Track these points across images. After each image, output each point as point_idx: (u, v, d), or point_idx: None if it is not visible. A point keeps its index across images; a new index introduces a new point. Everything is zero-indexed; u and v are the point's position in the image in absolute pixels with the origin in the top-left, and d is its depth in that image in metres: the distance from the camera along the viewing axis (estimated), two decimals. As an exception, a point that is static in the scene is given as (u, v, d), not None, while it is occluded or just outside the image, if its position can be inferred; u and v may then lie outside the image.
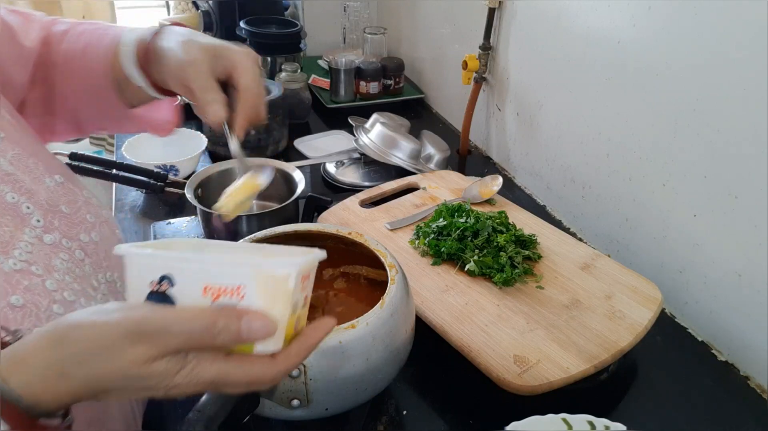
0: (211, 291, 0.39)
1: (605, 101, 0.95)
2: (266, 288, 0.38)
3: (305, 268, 0.40)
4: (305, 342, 0.42)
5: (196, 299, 0.39)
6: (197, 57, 0.60)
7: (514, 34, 1.17)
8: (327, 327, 0.43)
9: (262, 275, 0.38)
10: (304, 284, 0.41)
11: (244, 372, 0.39)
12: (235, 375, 0.39)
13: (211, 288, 0.39)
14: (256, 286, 0.38)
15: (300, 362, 0.42)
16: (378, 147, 1.15)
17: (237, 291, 0.38)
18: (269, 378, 0.40)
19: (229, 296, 0.38)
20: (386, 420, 0.69)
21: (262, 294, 0.38)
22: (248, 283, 0.38)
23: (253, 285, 0.38)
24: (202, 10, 1.59)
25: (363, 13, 1.77)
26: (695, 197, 0.82)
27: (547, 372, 0.67)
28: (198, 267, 0.39)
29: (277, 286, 0.38)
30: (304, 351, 0.42)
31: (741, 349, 0.79)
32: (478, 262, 0.81)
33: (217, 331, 0.37)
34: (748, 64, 0.70)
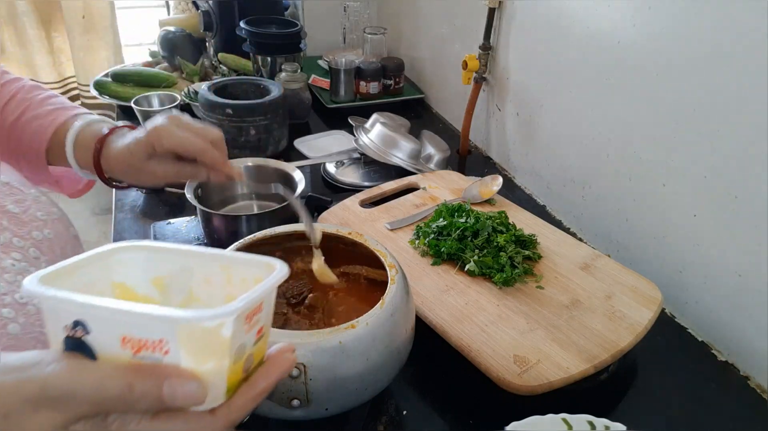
0: (131, 343, 0.34)
1: (605, 101, 0.95)
2: (193, 343, 0.33)
3: (249, 308, 0.35)
4: (251, 391, 0.37)
5: (115, 350, 0.34)
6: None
7: (514, 34, 1.17)
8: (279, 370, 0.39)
9: (186, 329, 0.33)
10: (252, 320, 0.36)
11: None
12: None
13: (129, 340, 0.34)
14: (179, 341, 0.33)
15: (246, 413, 0.37)
16: (378, 147, 1.15)
17: (159, 345, 0.33)
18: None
19: (151, 350, 0.34)
20: (386, 420, 0.69)
21: (189, 348, 0.33)
22: (170, 338, 0.33)
23: (175, 340, 0.33)
24: (202, 10, 1.59)
25: (363, 13, 1.78)
26: (695, 197, 0.82)
27: (547, 372, 0.67)
28: (111, 316, 0.34)
29: (208, 339, 0.34)
30: (250, 403, 0.37)
31: (741, 349, 0.79)
32: (478, 262, 0.81)
33: (134, 398, 0.33)
34: (748, 64, 0.70)
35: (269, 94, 1.23)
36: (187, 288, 0.43)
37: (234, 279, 0.42)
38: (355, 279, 0.71)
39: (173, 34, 1.59)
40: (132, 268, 0.42)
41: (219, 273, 0.42)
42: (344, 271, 0.72)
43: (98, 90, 1.47)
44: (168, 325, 0.33)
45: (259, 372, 0.38)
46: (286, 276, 0.39)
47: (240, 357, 0.36)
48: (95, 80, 1.50)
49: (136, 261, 0.42)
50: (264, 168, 1.02)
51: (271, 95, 1.22)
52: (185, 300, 0.43)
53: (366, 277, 0.71)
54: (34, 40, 1.89)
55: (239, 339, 0.35)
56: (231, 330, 0.34)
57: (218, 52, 1.61)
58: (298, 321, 0.65)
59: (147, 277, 0.42)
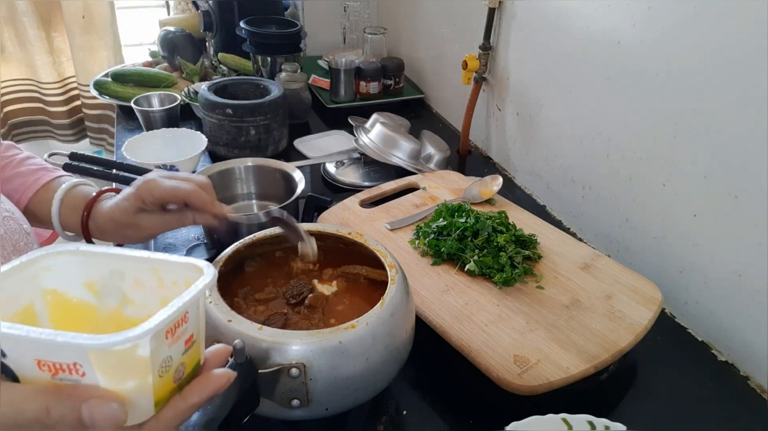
0: (46, 366, 0.33)
1: (605, 101, 0.95)
2: (109, 365, 0.33)
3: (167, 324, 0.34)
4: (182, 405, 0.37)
5: (33, 372, 0.34)
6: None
7: (514, 34, 1.17)
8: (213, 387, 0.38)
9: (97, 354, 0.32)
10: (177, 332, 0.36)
11: None
12: None
13: (45, 363, 0.33)
14: (93, 365, 0.33)
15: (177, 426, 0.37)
16: (378, 147, 1.15)
17: (74, 368, 0.33)
18: None
19: (68, 373, 0.33)
20: (386, 420, 0.69)
21: (105, 370, 0.33)
22: (82, 361, 0.33)
23: (89, 363, 0.33)
24: (202, 10, 1.59)
25: (363, 13, 1.78)
26: (695, 197, 0.82)
27: (547, 372, 0.67)
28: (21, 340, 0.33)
29: (124, 360, 0.33)
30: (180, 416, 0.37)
31: (741, 349, 0.79)
32: (478, 262, 0.81)
33: (51, 422, 0.32)
34: (748, 64, 0.70)
35: (269, 94, 1.23)
36: (120, 291, 0.43)
37: (165, 282, 0.41)
38: (355, 279, 0.71)
39: (173, 34, 1.59)
40: (62, 273, 0.41)
41: (150, 276, 0.42)
42: (344, 271, 0.72)
43: (98, 90, 1.47)
44: (78, 351, 0.32)
45: (192, 387, 0.38)
46: (211, 282, 0.38)
47: (167, 370, 0.36)
48: (95, 80, 1.50)
49: (66, 266, 0.41)
50: (264, 168, 1.02)
51: (271, 95, 1.22)
52: (120, 303, 0.43)
53: (366, 277, 0.71)
54: (34, 40, 1.89)
55: (162, 354, 0.35)
56: (148, 349, 0.33)
57: (218, 52, 1.61)
58: (298, 321, 0.65)
59: (79, 281, 0.42)
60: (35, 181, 0.73)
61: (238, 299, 0.67)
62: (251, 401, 0.55)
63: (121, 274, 0.42)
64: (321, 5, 1.78)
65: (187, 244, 0.95)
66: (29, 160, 0.76)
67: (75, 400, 0.33)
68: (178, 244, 0.98)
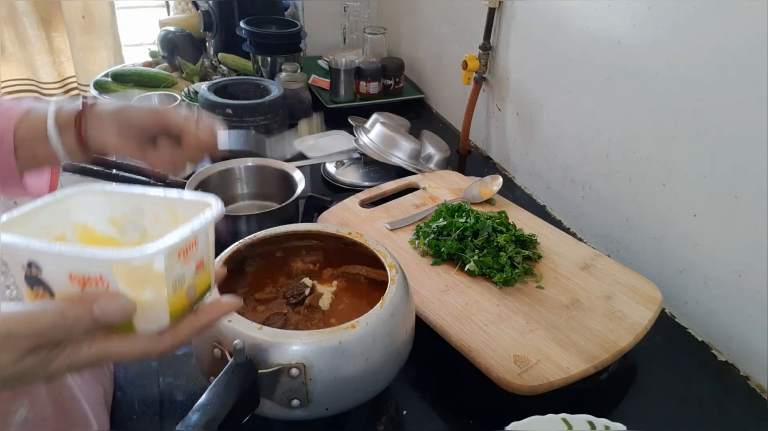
0: (77, 279, 0.38)
1: (605, 101, 0.95)
2: (129, 277, 0.38)
3: (180, 245, 0.39)
4: (197, 321, 0.42)
5: (65, 286, 0.39)
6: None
7: (514, 34, 1.17)
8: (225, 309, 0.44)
9: (119, 266, 0.37)
10: (188, 254, 0.41)
11: (128, 349, 0.40)
12: (118, 352, 0.40)
13: (76, 277, 0.38)
14: (116, 277, 0.38)
15: (190, 339, 0.42)
16: (378, 147, 1.15)
17: (100, 281, 0.38)
18: (157, 352, 0.41)
19: (95, 285, 0.38)
20: (386, 420, 0.69)
21: (126, 282, 0.38)
22: (107, 274, 0.38)
23: (113, 276, 0.38)
24: (202, 10, 1.59)
25: (363, 13, 1.77)
26: (695, 197, 0.82)
27: (547, 372, 0.67)
28: (56, 256, 0.38)
29: (142, 273, 0.38)
30: (194, 332, 0.42)
31: (741, 349, 0.79)
32: (478, 262, 0.81)
33: (68, 324, 0.37)
34: (748, 64, 0.70)
35: (269, 94, 1.23)
36: (141, 227, 0.47)
37: (179, 218, 0.45)
38: (355, 279, 0.71)
39: (173, 34, 1.59)
40: (90, 210, 0.46)
41: (166, 213, 0.47)
42: (344, 271, 0.72)
43: (98, 90, 1.47)
44: (102, 264, 0.37)
45: (205, 308, 0.43)
46: (219, 214, 0.43)
47: (180, 287, 0.40)
48: (95, 80, 1.50)
49: (94, 204, 0.46)
50: (264, 168, 1.02)
51: (271, 95, 1.22)
52: (141, 237, 0.47)
53: (366, 277, 0.71)
54: (34, 40, 1.89)
55: (175, 272, 0.39)
56: (163, 264, 0.38)
57: (218, 52, 1.61)
58: (298, 321, 0.65)
59: (104, 218, 0.47)
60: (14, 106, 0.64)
61: (238, 299, 0.67)
62: (251, 401, 0.55)
63: (141, 211, 0.47)
64: (321, 5, 1.78)
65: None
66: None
67: (87, 302, 0.37)
68: (178, 244, 0.98)
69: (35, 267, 0.39)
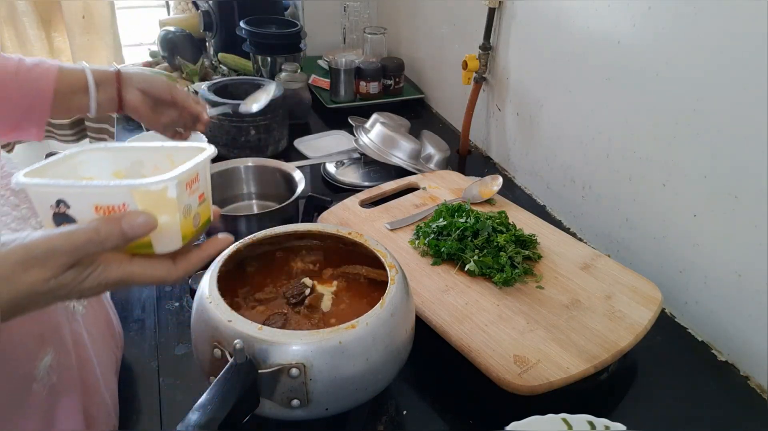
0: (102, 210, 0.44)
1: (605, 101, 0.95)
2: (147, 203, 0.44)
3: (187, 175, 0.46)
4: (203, 252, 0.49)
5: (91, 217, 0.44)
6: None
7: (514, 34, 1.17)
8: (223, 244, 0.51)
9: (140, 194, 0.43)
10: (193, 186, 0.47)
11: (148, 273, 0.46)
12: (140, 275, 0.45)
13: (101, 207, 0.44)
14: (137, 202, 0.43)
15: (198, 267, 0.49)
16: (378, 147, 1.15)
17: (123, 208, 0.44)
18: (172, 279, 0.47)
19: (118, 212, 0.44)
20: (386, 420, 0.69)
21: (145, 207, 0.44)
22: (129, 201, 0.43)
23: (134, 202, 0.43)
24: (202, 10, 1.59)
25: (363, 13, 1.78)
26: (695, 197, 0.82)
27: (547, 372, 0.67)
28: (83, 191, 0.44)
29: (157, 199, 0.44)
30: (201, 261, 0.49)
31: (741, 349, 0.79)
32: (478, 262, 0.81)
33: (101, 239, 0.42)
34: (748, 64, 0.70)
35: (269, 94, 1.22)
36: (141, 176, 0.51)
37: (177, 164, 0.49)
38: (355, 279, 0.71)
39: (173, 34, 1.59)
40: (95, 166, 0.51)
41: (165, 161, 0.52)
42: (344, 271, 0.72)
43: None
44: (126, 192, 0.43)
45: (207, 243, 0.50)
46: (212, 154, 0.50)
47: (188, 214, 0.47)
48: (95, 80, 1.49)
49: (97, 160, 0.51)
50: (264, 168, 1.02)
51: (271, 95, 1.21)
52: None
53: (366, 277, 0.71)
54: (34, 40, 1.89)
55: (184, 200, 0.46)
56: (175, 192, 0.44)
57: (218, 52, 1.61)
58: (298, 321, 0.65)
59: (108, 172, 0.52)
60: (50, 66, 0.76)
61: (238, 299, 0.67)
62: (251, 401, 0.55)
63: (141, 163, 0.52)
64: (321, 5, 1.78)
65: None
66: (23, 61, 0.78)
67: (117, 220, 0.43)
68: (178, 244, 0.98)
69: (63, 204, 0.43)
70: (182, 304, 0.86)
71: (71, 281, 0.43)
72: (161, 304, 0.85)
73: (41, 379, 0.56)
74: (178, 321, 0.83)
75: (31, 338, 0.55)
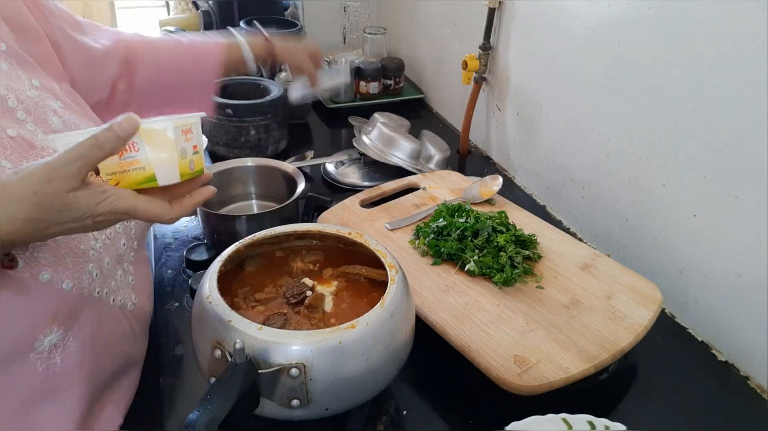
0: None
1: (605, 101, 0.95)
2: (152, 141, 0.53)
3: (182, 124, 0.55)
4: (192, 199, 0.57)
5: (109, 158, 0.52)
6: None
7: (514, 34, 1.17)
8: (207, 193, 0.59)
9: (145, 132, 0.52)
10: (187, 136, 0.55)
11: (150, 209, 0.53)
12: (143, 209, 0.53)
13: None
14: (143, 140, 0.52)
15: (189, 210, 0.57)
16: (378, 147, 1.15)
17: (133, 146, 0.52)
18: (167, 217, 0.55)
19: (129, 151, 0.52)
20: (386, 420, 0.69)
21: (150, 145, 0.53)
22: (138, 140, 0.52)
23: (142, 141, 0.52)
24: (202, 10, 1.59)
25: (363, 13, 1.77)
26: (695, 197, 0.82)
27: (547, 372, 0.67)
28: None
29: (159, 138, 0.53)
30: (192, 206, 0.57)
31: (741, 349, 0.79)
32: (478, 262, 0.81)
33: (101, 142, 0.49)
34: (749, 64, 0.70)
35: (269, 94, 1.23)
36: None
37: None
38: (355, 279, 0.71)
39: (173, 34, 1.59)
40: None
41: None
42: (344, 271, 0.72)
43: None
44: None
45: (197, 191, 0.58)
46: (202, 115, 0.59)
47: (184, 156, 0.55)
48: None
49: None
50: (264, 168, 1.02)
51: (271, 95, 1.22)
52: None
53: (366, 277, 0.71)
54: (34, 40, 1.89)
55: (180, 143, 0.54)
56: (173, 134, 0.53)
57: (218, 52, 1.60)
58: (298, 321, 0.65)
59: None
60: (220, 41, 0.96)
61: (238, 299, 0.67)
62: (251, 401, 0.55)
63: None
64: (321, 5, 1.78)
65: (187, 244, 0.95)
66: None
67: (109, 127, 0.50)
68: (178, 244, 0.98)
69: None
70: (182, 304, 0.86)
71: (87, 202, 0.49)
72: (161, 304, 0.85)
73: (41, 353, 0.57)
74: (178, 321, 0.83)
75: (40, 312, 0.57)
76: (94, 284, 0.61)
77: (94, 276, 0.61)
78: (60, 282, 0.57)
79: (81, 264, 0.60)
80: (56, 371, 0.58)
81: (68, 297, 0.59)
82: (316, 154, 1.25)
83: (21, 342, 0.56)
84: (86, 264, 0.60)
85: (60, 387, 0.60)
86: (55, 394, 0.60)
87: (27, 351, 0.57)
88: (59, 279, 0.57)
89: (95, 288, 0.62)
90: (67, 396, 0.60)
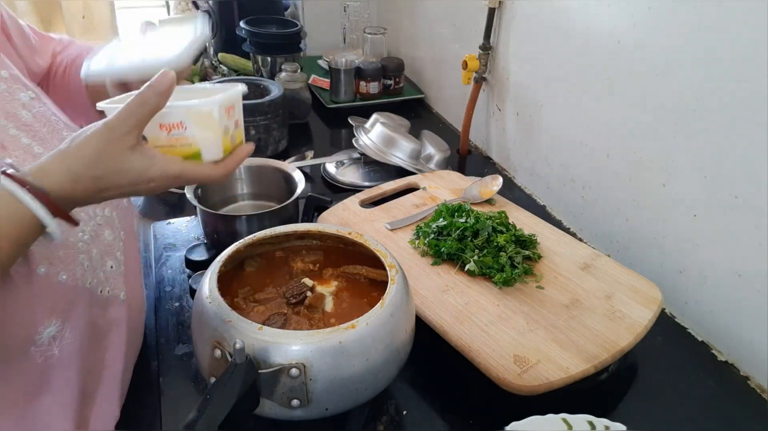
0: (165, 128, 0.56)
1: (605, 101, 0.95)
2: (198, 121, 0.56)
3: (226, 102, 0.58)
4: (236, 156, 0.60)
5: (157, 133, 0.56)
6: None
7: (514, 34, 1.17)
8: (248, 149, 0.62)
9: (192, 113, 0.56)
10: (230, 113, 0.59)
11: (198, 170, 0.57)
12: (192, 172, 0.56)
13: (164, 125, 0.56)
14: (191, 121, 0.56)
15: (233, 169, 0.60)
16: (378, 147, 1.15)
17: (181, 125, 0.56)
18: (215, 177, 0.58)
19: (177, 129, 0.56)
20: (386, 420, 0.69)
21: (197, 124, 0.56)
22: (186, 119, 0.56)
23: (189, 120, 0.56)
24: (202, 10, 1.59)
25: (363, 13, 1.78)
26: (695, 197, 0.82)
27: (547, 372, 0.67)
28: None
29: (205, 118, 0.56)
30: (235, 164, 0.60)
31: (741, 349, 0.79)
32: (478, 262, 0.81)
33: (145, 100, 0.52)
34: (749, 64, 0.70)
35: (269, 94, 1.22)
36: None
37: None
38: (355, 279, 0.71)
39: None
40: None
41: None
42: (344, 271, 0.72)
43: (98, 90, 1.47)
44: (182, 112, 0.56)
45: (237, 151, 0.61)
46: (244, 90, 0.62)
47: (227, 133, 0.59)
48: (95, 80, 1.49)
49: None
50: (264, 168, 1.02)
51: (271, 95, 1.22)
52: None
53: (366, 277, 0.71)
54: (34, 40, 1.89)
55: (224, 122, 0.58)
56: (218, 114, 0.57)
57: (218, 52, 1.61)
58: (298, 321, 0.65)
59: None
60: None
61: (238, 299, 0.67)
62: (251, 401, 0.55)
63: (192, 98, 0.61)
64: (321, 5, 1.78)
65: (187, 244, 0.95)
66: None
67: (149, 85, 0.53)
68: (178, 244, 0.98)
69: None
70: (182, 304, 0.86)
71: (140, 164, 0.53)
72: (161, 304, 0.85)
73: (40, 345, 0.59)
74: (178, 321, 0.83)
75: (40, 305, 0.58)
76: (86, 275, 0.63)
77: (86, 267, 0.63)
78: (56, 275, 0.59)
79: (73, 255, 0.61)
80: (54, 363, 0.59)
81: (64, 289, 0.60)
82: (316, 154, 1.26)
83: (23, 336, 0.57)
84: (78, 256, 0.62)
85: (57, 378, 0.60)
86: (52, 386, 0.60)
87: (29, 345, 0.58)
88: (55, 272, 0.58)
89: (87, 280, 0.63)
90: (64, 387, 0.61)
